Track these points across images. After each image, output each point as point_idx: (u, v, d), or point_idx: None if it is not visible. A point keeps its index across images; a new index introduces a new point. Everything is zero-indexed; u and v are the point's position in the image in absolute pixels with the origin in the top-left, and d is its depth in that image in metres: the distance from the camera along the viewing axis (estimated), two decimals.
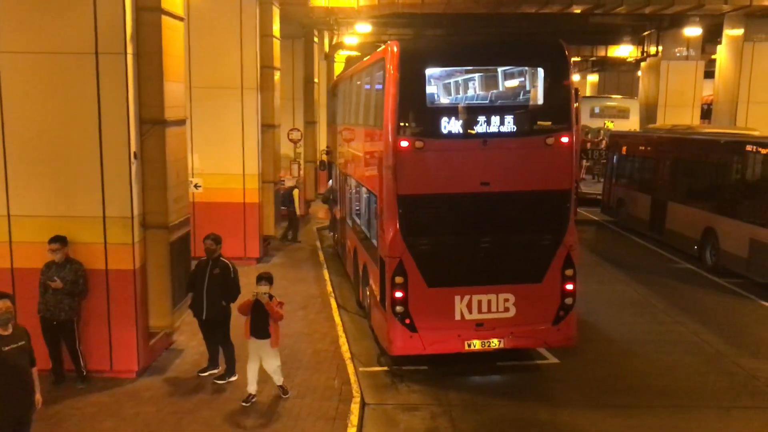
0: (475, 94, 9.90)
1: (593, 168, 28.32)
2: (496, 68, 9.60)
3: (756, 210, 14.48)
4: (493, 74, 9.75)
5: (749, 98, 22.22)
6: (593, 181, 27.49)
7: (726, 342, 11.19)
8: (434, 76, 9.40)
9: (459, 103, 9.67)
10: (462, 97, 9.76)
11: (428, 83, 9.27)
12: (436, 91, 9.54)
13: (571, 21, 29.33)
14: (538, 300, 9.59)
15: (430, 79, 9.30)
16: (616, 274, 15.86)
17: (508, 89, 9.82)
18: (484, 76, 9.83)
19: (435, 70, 9.35)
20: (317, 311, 12.42)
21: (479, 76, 9.88)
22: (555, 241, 9.52)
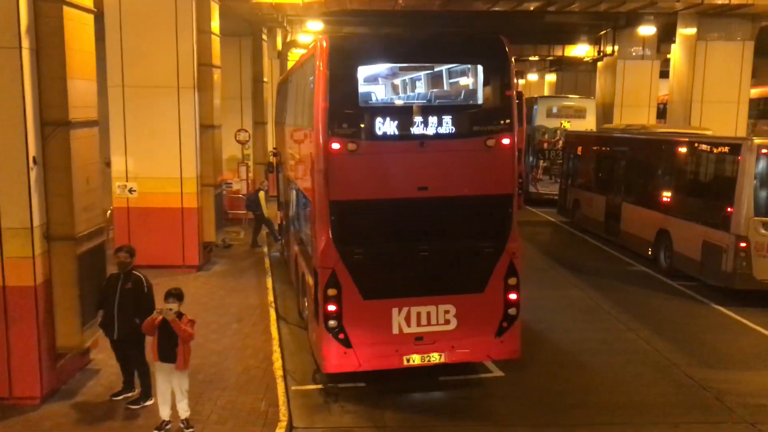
0: (412, 93, 9.31)
1: (551, 168, 28.05)
2: (432, 66, 9.02)
3: (708, 211, 14.19)
4: (430, 72, 9.18)
5: (703, 98, 22.10)
6: (551, 182, 27.21)
7: (678, 350, 10.80)
8: (368, 73, 8.79)
9: (394, 102, 9.06)
10: (397, 96, 9.16)
11: (361, 81, 8.65)
12: (370, 89, 8.93)
13: (528, 20, 29.07)
14: (480, 311, 9.04)
15: (362, 76, 8.68)
16: (570, 278, 15.45)
17: (446, 88, 9.26)
18: (420, 74, 9.25)
19: (368, 68, 8.73)
20: (254, 323, 11.71)
21: (415, 74, 9.31)
22: (497, 248, 8.97)
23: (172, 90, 14.70)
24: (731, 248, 13.13)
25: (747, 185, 12.94)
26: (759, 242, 12.94)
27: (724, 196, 13.46)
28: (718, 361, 10.43)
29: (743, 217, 12.97)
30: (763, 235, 12.93)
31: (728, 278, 13.29)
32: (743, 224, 12.97)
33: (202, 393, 8.73)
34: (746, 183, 12.95)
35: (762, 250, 12.96)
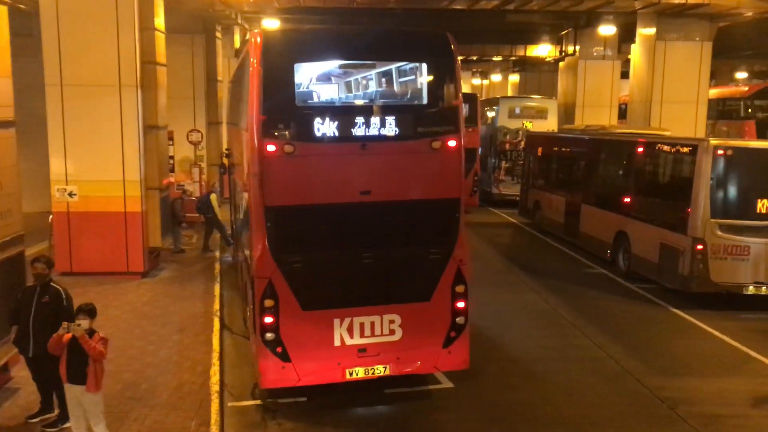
0: (353, 92, 8.85)
1: (513, 169, 27.86)
2: (374, 64, 8.57)
3: (665, 213, 14.00)
4: (373, 70, 8.72)
5: (662, 98, 22.06)
6: (513, 183, 27.01)
7: (633, 356, 10.51)
8: (305, 71, 8.30)
9: (334, 102, 8.60)
10: (337, 95, 8.70)
11: (298, 79, 8.15)
12: (308, 88, 8.45)
13: (489, 19, 28.88)
14: (427, 320, 8.62)
15: (300, 74, 8.19)
16: (528, 282, 15.14)
17: (389, 87, 8.81)
18: (362, 73, 8.79)
19: (305, 65, 8.24)
20: (195, 334, 11.15)
21: (357, 72, 8.84)
22: (444, 255, 8.56)
23: (114, 89, 14.06)
24: (688, 251, 12.93)
25: (704, 187, 12.74)
26: (716, 244, 12.75)
27: (681, 198, 13.27)
28: (673, 367, 10.16)
29: (700, 219, 12.76)
30: (720, 237, 12.75)
31: (685, 281, 13.09)
32: (700, 226, 12.76)
33: (129, 411, 8.17)
34: (703, 184, 12.74)
35: (719, 252, 12.77)
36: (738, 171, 12.92)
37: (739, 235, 12.76)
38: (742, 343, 11.19)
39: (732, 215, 12.81)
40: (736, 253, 12.76)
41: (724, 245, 12.75)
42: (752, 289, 12.85)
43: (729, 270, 12.81)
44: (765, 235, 12.73)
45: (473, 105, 27.40)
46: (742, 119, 24.18)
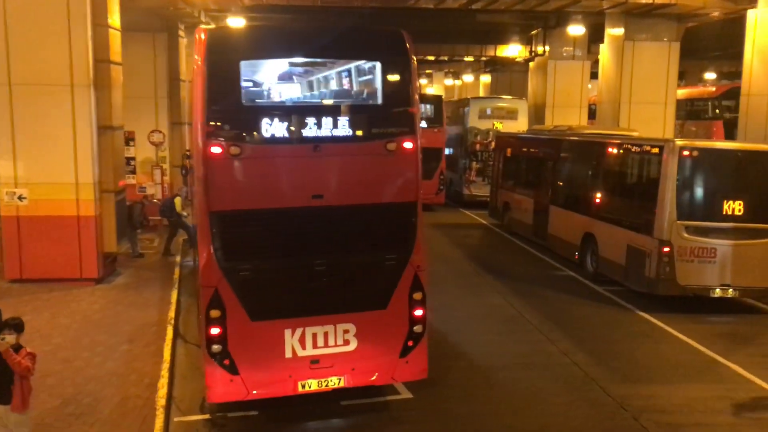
0: (304, 91, 8.50)
1: (484, 170, 27.69)
2: (325, 61, 8.22)
3: (632, 214, 13.82)
4: (325, 69, 8.38)
5: (631, 98, 22.01)
6: (484, 184, 26.82)
7: (598, 363, 10.26)
8: (254, 69, 7.92)
9: (284, 101, 8.23)
10: (288, 94, 8.33)
11: (246, 77, 7.77)
12: (256, 87, 8.07)
13: (459, 19, 28.68)
14: (383, 329, 8.28)
15: (248, 72, 7.81)
16: (494, 285, 14.87)
17: (342, 86, 8.47)
18: (314, 71, 8.44)
19: (254, 62, 7.86)
20: (146, 344, 10.68)
21: (309, 70, 8.50)
22: (400, 261, 8.22)
23: (66, 88, 13.52)
24: (654, 253, 12.75)
25: (670, 188, 12.57)
26: (682, 246, 12.59)
27: (648, 199, 13.09)
28: (638, 373, 9.93)
29: (666, 221, 12.59)
30: (687, 239, 12.58)
31: (652, 284, 12.91)
32: (666, 228, 12.59)
33: (66, 429, 7.72)
34: (669, 186, 12.57)
35: (685, 254, 12.61)
36: (704, 172, 12.79)
37: (705, 237, 12.61)
38: (709, 347, 11.00)
39: (698, 217, 12.67)
40: (703, 255, 12.61)
41: (690, 247, 12.59)
42: (719, 292, 12.71)
43: (696, 272, 12.66)
44: (731, 236, 12.60)
45: (438, 106, 27.39)
46: (710, 119, 24.23)
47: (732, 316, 12.89)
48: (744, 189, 12.63)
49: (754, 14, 15.86)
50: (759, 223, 12.67)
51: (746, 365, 10.19)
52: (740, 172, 12.74)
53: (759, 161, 12.91)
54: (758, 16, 15.69)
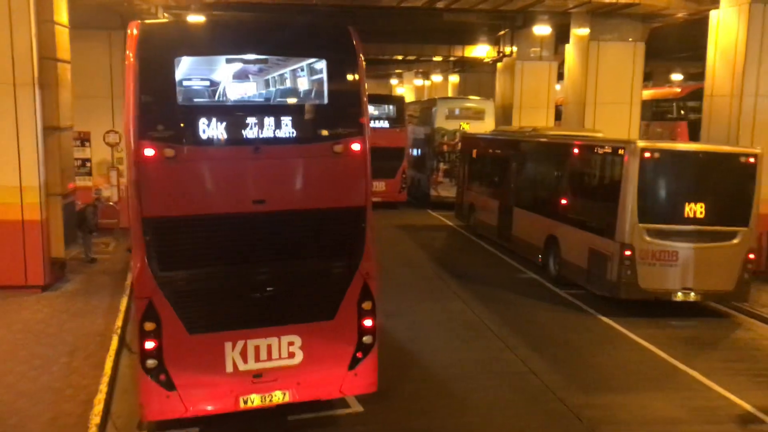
0: (244, 90, 8.08)
1: (451, 171, 27.46)
2: (267, 58, 7.81)
3: (594, 217, 13.61)
4: (267, 66, 7.97)
5: (596, 99, 21.89)
6: (451, 185, 26.56)
7: (556, 371, 9.99)
8: (190, 66, 7.48)
9: (223, 101, 7.81)
10: (227, 93, 7.91)
11: (181, 75, 7.33)
12: (193, 85, 7.63)
13: (426, 19, 28.38)
14: (331, 341, 7.89)
15: (183, 69, 7.37)
16: (456, 289, 14.56)
17: (285, 85, 8.07)
18: (255, 69, 8.02)
19: (189, 59, 7.43)
20: (88, 355, 10.16)
21: (264, 69, 8.09)
22: (348, 268, 7.85)
23: (7, 87, 12.94)
24: (616, 256, 12.54)
25: (631, 190, 12.36)
26: (644, 250, 12.40)
27: (609, 202, 12.88)
28: (596, 382, 9.68)
29: (628, 224, 12.38)
30: (648, 242, 12.39)
31: (613, 288, 12.70)
32: (628, 231, 12.38)
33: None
34: (630, 188, 12.36)
35: (647, 257, 12.41)
36: (666, 174, 12.61)
37: (667, 240, 12.43)
38: (669, 353, 10.81)
39: (660, 219, 12.48)
40: (665, 258, 12.43)
41: (652, 250, 12.40)
42: (681, 296, 12.54)
43: (657, 276, 12.47)
44: (693, 239, 12.44)
45: (400, 106, 27.57)
46: (675, 120, 24.23)
47: (694, 319, 12.74)
48: (706, 191, 12.47)
49: (716, 15, 15.77)
50: (721, 225, 12.53)
51: (706, 372, 10.00)
52: (702, 174, 12.58)
53: (720, 163, 12.76)
54: (720, 16, 15.61)
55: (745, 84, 14.81)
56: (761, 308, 13.08)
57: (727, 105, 15.24)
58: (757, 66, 14.70)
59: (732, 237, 12.53)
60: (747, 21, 14.64)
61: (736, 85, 15.00)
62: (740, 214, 12.56)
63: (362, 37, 7.66)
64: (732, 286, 12.62)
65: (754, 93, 14.83)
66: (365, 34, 33.78)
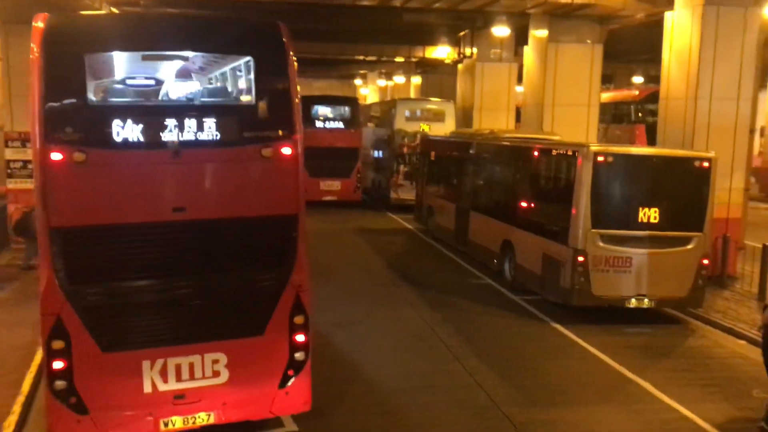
0: (163, 88, 7.54)
1: (412, 173, 27.09)
2: (187, 55, 7.28)
3: (547, 222, 13.30)
4: (188, 63, 7.44)
5: (554, 101, 21.65)
6: (412, 187, 26.17)
7: (504, 383, 9.61)
8: (101, 63, 6.93)
9: (139, 100, 7.26)
10: (143, 92, 7.37)
11: (92, 73, 6.77)
12: (105, 83, 7.08)
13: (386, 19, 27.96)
14: (260, 358, 7.40)
15: (94, 66, 6.81)
16: (409, 296, 14.12)
17: (208, 84, 7.57)
18: (174, 66, 7.50)
19: (101, 55, 6.87)
20: (6, 372, 9.48)
21: (167, 65, 7.55)
22: (279, 281, 7.35)
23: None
24: (569, 262, 12.23)
25: (584, 195, 12.05)
26: (597, 256, 12.10)
27: (562, 207, 12.57)
28: (545, 395, 9.30)
29: (581, 229, 12.08)
30: (602, 248, 12.10)
31: (567, 294, 12.39)
32: (581, 237, 12.08)
33: None
34: (583, 192, 12.05)
35: (600, 264, 12.12)
36: (619, 178, 12.34)
37: (620, 245, 12.16)
38: (621, 362, 10.50)
39: (614, 225, 12.19)
40: (618, 264, 12.15)
41: (605, 256, 12.11)
42: (635, 302, 12.28)
43: (611, 282, 12.19)
44: (647, 245, 12.17)
45: (354, 107, 27.81)
46: (633, 123, 24.16)
47: (648, 326, 12.49)
48: (660, 196, 12.23)
49: (670, 17, 15.60)
50: (675, 231, 12.30)
51: (657, 382, 9.70)
52: (656, 178, 12.34)
53: (674, 167, 12.55)
54: (675, 18, 15.44)
55: (699, 87, 14.65)
56: (715, 314, 12.89)
57: (682, 108, 15.07)
58: (711, 68, 14.55)
59: (686, 242, 12.32)
60: (700, 23, 14.49)
61: (690, 87, 14.84)
62: (694, 219, 12.34)
63: (320, 36, 7.23)
64: (686, 293, 12.40)
65: (708, 96, 14.67)
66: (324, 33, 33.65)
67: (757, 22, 14.87)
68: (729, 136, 14.87)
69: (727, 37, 14.57)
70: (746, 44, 14.67)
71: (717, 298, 13.82)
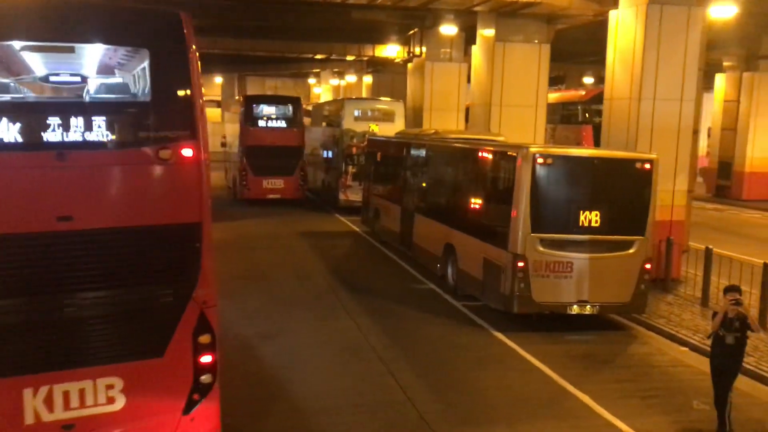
0: (46, 84, 6.80)
1: (360, 174, 26.52)
2: (72, 47, 6.56)
3: (488, 225, 12.85)
4: (74, 55, 6.72)
5: (502, 101, 21.35)
6: (360, 188, 25.60)
7: (437, 399, 9.09)
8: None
9: (21, 96, 6.52)
10: (21, 88, 6.64)
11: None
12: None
13: (334, 17, 27.41)
14: (160, 382, 6.69)
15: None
16: (347, 304, 13.53)
17: (97, 78, 6.85)
18: (58, 58, 6.77)
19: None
20: None
21: (50, 56, 6.82)
22: (180, 297, 6.65)
23: None
24: (509, 268, 11.79)
25: (524, 198, 11.63)
26: (537, 261, 11.69)
27: (502, 210, 12.14)
28: (479, 412, 8.81)
29: (520, 234, 11.65)
30: (542, 253, 11.69)
31: (507, 301, 11.95)
32: (520, 241, 11.65)
33: None
34: (523, 195, 11.62)
35: (541, 269, 11.72)
36: (560, 181, 11.94)
37: (561, 250, 11.77)
38: (561, 373, 10.07)
39: (554, 229, 11.79)
40: (559, 270, 11.76)
41: (546, 262, 11.71)
42: (576, 309, 11.91)
43: (552, 288, 11.79)
44: (588, 249, 11.82)
45: (297, 106, 27.71)
46: (580, 124, 24.02)
47: (591, 333, 12.13)
48: (601, 199, 11.88)
49: (615, 15, 15.34)
50: (617, 234, 11.97)
51: (596, 395, 9.29)
52: (597, 181, 11.97)
53: (616, 169, 12.22)
54: (619, 17, 15.18)
55: (643, 87, 14.39)
56: (658, 319, 12.61)
57: (626, 108, 14.81)
58: (655, 68, 14.30)
59: (628, 246, 11.99)
60: (644, 22, 14.22)
61: (634, 88, 14.57)
62: (636, 222, 12.03)
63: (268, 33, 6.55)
64: (629, 298, 12.08)
65: (652, 96, 14.43)
66: (271, 30, 32.81)
67: (701, 21, 14.70)
68: (672, 137, 14.65)
69: (670, 36, 14.34)
70: (690, 44, 14.47)
71: (660, 303, 13.57)
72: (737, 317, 8.07)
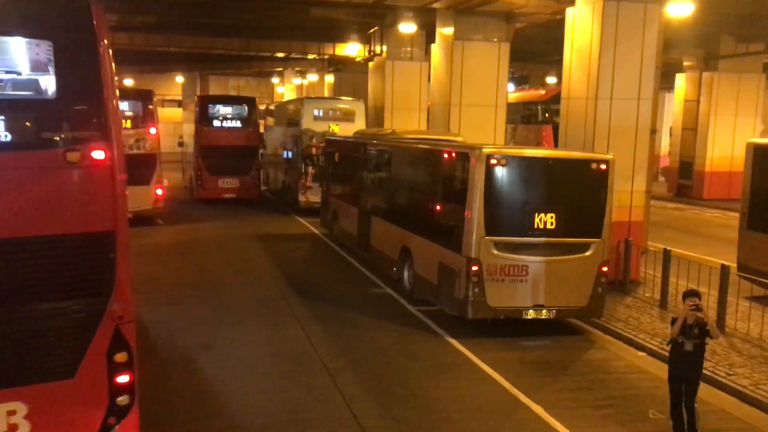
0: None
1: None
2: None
3: (442, 228, 12.45)
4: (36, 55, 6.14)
5: (461, 101, 21.00)
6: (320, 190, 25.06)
7: (384, 414, 8.62)
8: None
9: None
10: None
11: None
12: None
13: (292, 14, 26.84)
14: (71, 406, 6.12)
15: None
16: (298, 311, 13.00)
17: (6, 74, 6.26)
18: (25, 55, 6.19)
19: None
20: None
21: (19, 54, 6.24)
22: (92, 312, 6.08)
23: None
24: (463, 272, 11.38)
25: (477, 200, 11.23)
26: (492, 265, 11.30)
27: (456, 212, 11.75)
28: (428, 426, 8.37)
29: (474, 237, 11.25)
30: (496, 256, 11.31)
31: (461, 306, 11.54)
32: (474, 244, 11.25)
33: None
34: (476, 197, 11.22)
35: (495, 273, 11.33)
36: (514, 182, 11.56)
37: (516, 253, 11.41)
38: (515, 382, 9.68)
39: (508, 232, 11.43)
40: (514, 273, 11.39)
41: (500, 265, 11.33)
42: (532, 313, 11.55)
43: (507, 293, 11.42)
44: (544, 252, 11.48)
45: (251, 106, 27.87)
46: (540, 124, 23.79)
47: (548, 338, 11.80)
48: (556, 200, 11.54)
49: (572, 13, 15.06)
50: (573, 237, 11.64)
51: (550, 405, 8.91)
52: (552, 182, 11.64)
53: (571, 170, 11.91)
54: (576, 14, 14.90)
55: (600, 86, 14.11)
56: (616, 323, 12.32)
57: (583, 108, 14.53)
58: (612, 67, 14.04)
59: (584, 249, 11.67)
60: (601, 19, 13.95)
61: (591, 87, 14.29)
62: (593, 224, 11.72)
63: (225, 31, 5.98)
64: (586, 302, 11.75)
65: (608, 96, 14.15)
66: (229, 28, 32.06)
67: (657, 18, 14.46)
68: (630, 137, 14.41)
69: (627, 33, 14.08)
70: (646, 41, 14.23)
71: (619, 306, 13.30)
72: (696, 323, 7.77)
